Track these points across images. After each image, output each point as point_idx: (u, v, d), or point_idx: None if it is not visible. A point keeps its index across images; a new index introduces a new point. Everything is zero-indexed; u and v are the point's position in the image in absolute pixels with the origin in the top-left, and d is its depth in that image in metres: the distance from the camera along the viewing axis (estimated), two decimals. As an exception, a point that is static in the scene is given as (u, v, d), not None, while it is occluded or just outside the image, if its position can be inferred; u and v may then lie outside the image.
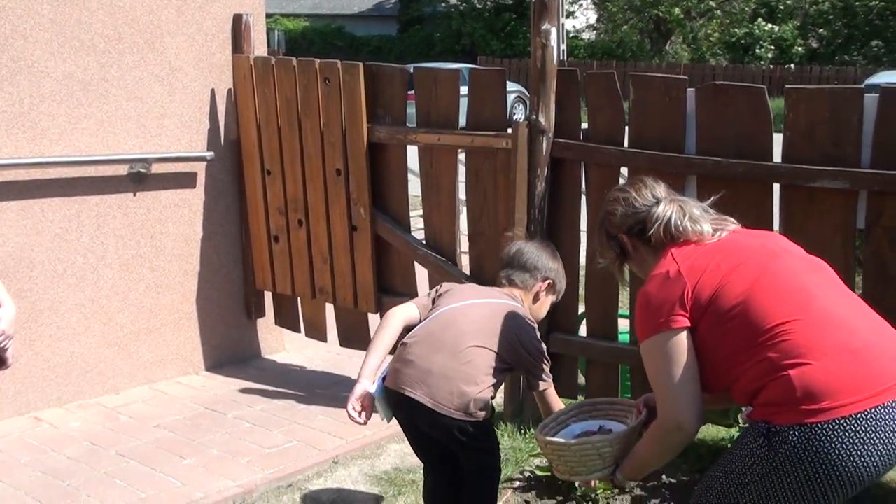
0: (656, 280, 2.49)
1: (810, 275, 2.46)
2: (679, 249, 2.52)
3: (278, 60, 4.97)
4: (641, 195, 2.67)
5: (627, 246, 2.69)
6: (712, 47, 33.08)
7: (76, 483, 3.89)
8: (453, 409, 2.98)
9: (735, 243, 2.53)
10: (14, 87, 4.37)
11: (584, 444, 2.71)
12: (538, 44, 4.20)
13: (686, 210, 2.60)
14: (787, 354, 2.28)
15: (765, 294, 2.36)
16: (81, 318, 4.72)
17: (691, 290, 2.40)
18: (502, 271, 3.37)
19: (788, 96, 3.72)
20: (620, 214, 2.68)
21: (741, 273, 2.41)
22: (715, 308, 2.38)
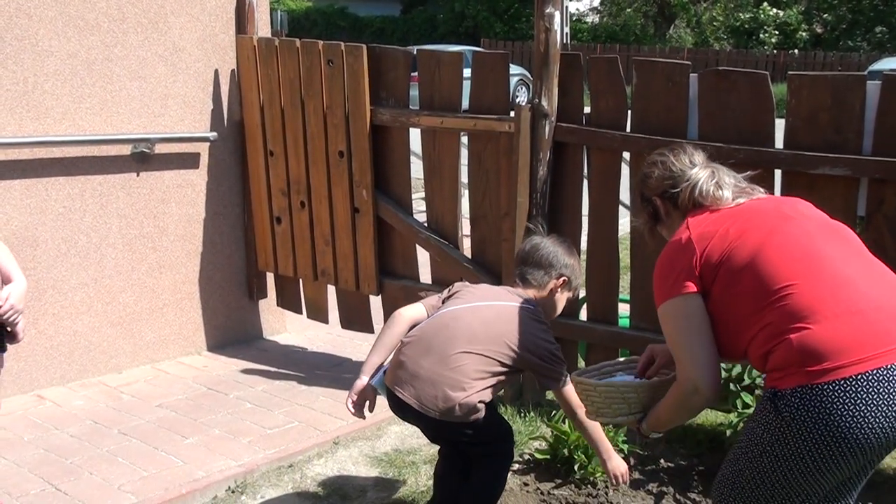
0: (669, 248, 2.54)
1: (824, 237, 2.43)
2: (694, 217, 2.55)
3: (282, 42, 4.97)
4: (679, 160, 2.70)
5: (660, 209, 2.73)
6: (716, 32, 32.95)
7: (78, 461, 3.92)
8: (437, 412, 3.00)
9: (750, 209, 2.55)
10: (18, 65, 4.38)
11: (609, 386, 2.77)
12: (542, 27, 4.20)
13: (717, 175, 2.63)
14: (790, 317, 2.27)
15: (772, 255, 2.36)
16: (85, 297, 4.74)
17: (700, 255, 2.43)
18: (516, 269, 3.36)
19: (791, 82, 3.72)
20: (656, 177, 2.72)
21: (750, 235, 2.42)
22: (725, 270, 2.40)
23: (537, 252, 3.32)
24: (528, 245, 3.39)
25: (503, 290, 3.32)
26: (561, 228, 4.36)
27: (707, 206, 2.59)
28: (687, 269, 2.43)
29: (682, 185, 2.64)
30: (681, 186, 2.64)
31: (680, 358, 2.45)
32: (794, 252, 2.37)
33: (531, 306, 3.22)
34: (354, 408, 3.23)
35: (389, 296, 4.91)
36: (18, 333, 2.90)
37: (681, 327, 2.43)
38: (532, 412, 4.37)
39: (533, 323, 3.16)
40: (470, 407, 3.01)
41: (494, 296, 3.26)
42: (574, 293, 3.43)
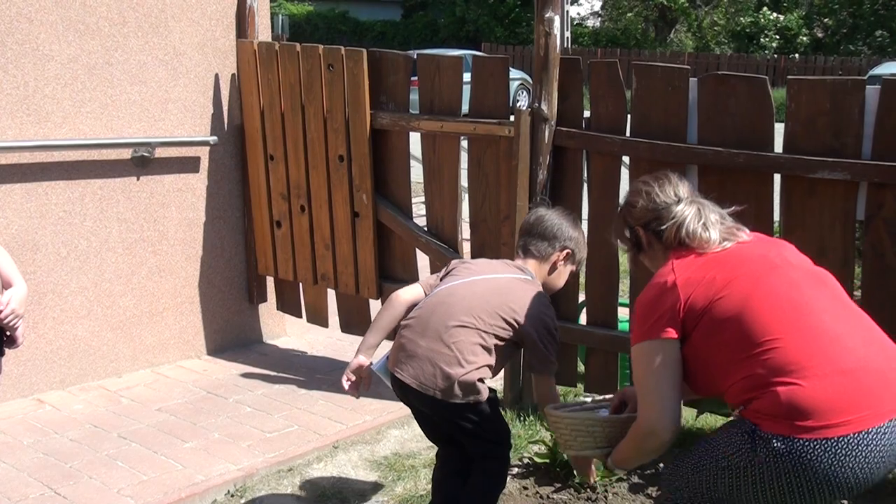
0: (652, 289, 2.51)
1: (811, 288, 2.44)
2: (680, 260, 2.52)
3: (282, 46, 4.97)
4: (664, 191, 2.66)
5: (643, 240, 2.69)
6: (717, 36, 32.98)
7: (78, 465, 3.92)
8: (438, 391, 2.98)
9: (736, 254, 2.52)
10: (19, 70, 4.39)
11: (575, 419, 2.81)
12: (541, 32, 4.21)
13: (703, 214, 2.59)
14: (776, 371, 2.29)
15: (759, 307, 2.36)
16: (84, 301, 4.74)
17: (684, 302, 2.41)
18: (520, 239, 3.30)
19: (790, 87, 3.73)
20: (640, 207, 2.68)
21: (736, 285, 2.40)
22: (709, 318, 2.39)
23: (542, 223, 3.26)
24: (533, 216, 3.33)
25: (501, 263, 3.28)
26: (560, 232, 4.37)
27: (693, 247, 2.55)
28: (669, 314, 2.42)
29: (667, 222, 2.59)
30: (666, 224, 2.60)
31: (644, 400, 2.47)
32: (782, 304, 2.37)
33: (530, 277, 3.19)
34: (349, 386, 3.21)
35: (389, 300, 4.91)
36: (18, 338, 2.90)
37: (651, 371, 2.43)
38: (531, 416, 4.37)
39: (532, 294, 3.11)
40: (469, 385, 2.98)
41: (492, 269, 3.21)
42: (577, 267, 3.38)
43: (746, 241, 2.58)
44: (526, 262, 3.24)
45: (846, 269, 3.75)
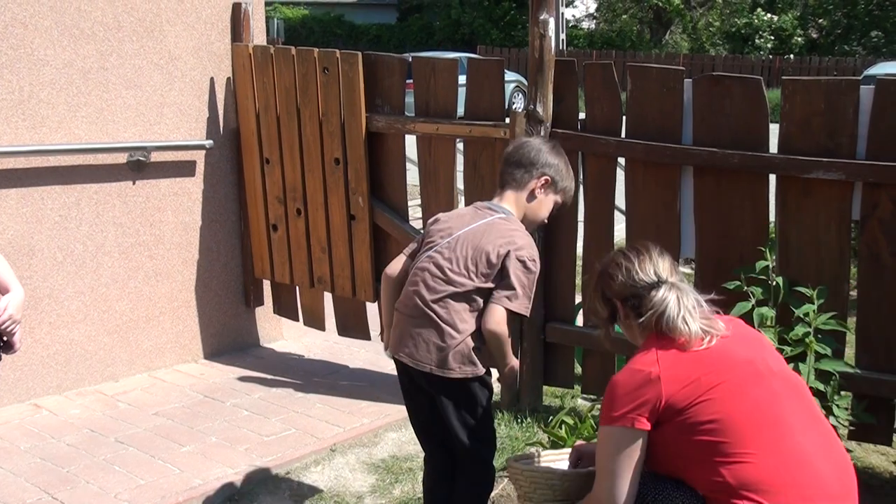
0: (633, 375, 2.46)
1: (790, 400, 2.45)
2: (664, 352, 2.47)
3: (277, 49, 4.98)
4: (644, 269, 2.61)
5: (619, 312, 2.67)
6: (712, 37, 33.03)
7: (75, 469, 3.92)
8: (433, 364, 2.97)
9: (722, 356, 2.48)
10: (14, 74, 4.38)
11: (534, 472, 2.85)
12: (536, 34, 4.22)
13: (682, 304, 2.54)
14: (746, 485, 2.32)
15: (741, 419, 2.37)
16: (81, 305, 4.74)
17: (666, 398, 2.39)
18: (500, 169, 3.18)
19: (785, 88, 3.74)
20: (619, 283, 2.64)
21: (721, 391, 2.39)
22: (687, 417, 2.39)
23: (520, 150, 3.13)
24: (513, 145, 3.21)
25: (472, 210, 3.15)
26: (557, 235, 4.38)
27: (674, 338, 2.50)
28: (648, 405, 2.40)
29: (647, 309, 2.55)
30: (646, 312, 2.55)
31: (602, 481, 2.48)
32: (763, 420, 2.38)
33: (503, 215, 3.07)
34: None
35: (386, 302, 4.91)
36: (15, 343, 2.90)
37: (616, 458, 2.43)
38: (529, 418, 4.37)
39: (506, 230, 3.01)
40: (464, 355, 2.96)
41: (464, 222, 3.08)
42: (562, 198, 3.19)
43: (728, 337, 2.53)
44: (503, 195, 3.12)
45: (842, 269, 3.76)
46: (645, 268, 2.62)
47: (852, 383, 3.71)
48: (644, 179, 4.12)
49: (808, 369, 3.58)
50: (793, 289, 3.75)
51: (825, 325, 3.65)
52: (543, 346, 4.47)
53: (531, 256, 3.00)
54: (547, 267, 4.41)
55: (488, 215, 3.08)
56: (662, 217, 4.09)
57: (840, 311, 3.72)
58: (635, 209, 4.18)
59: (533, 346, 4.45)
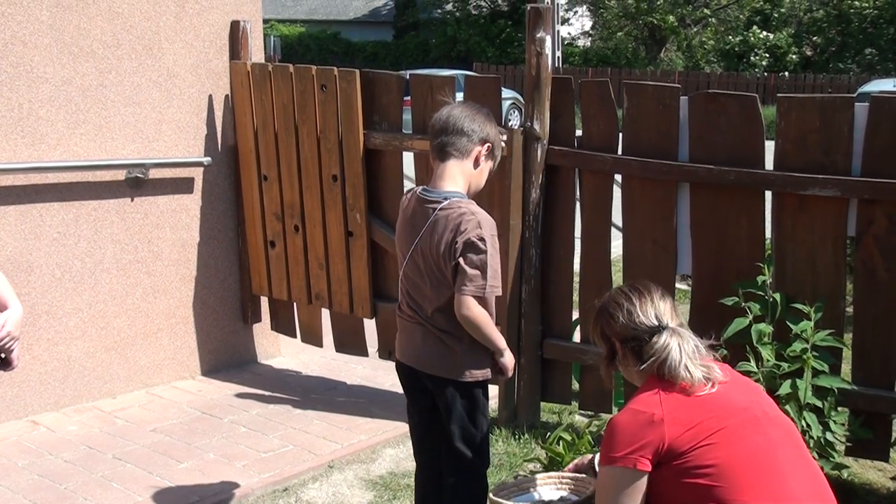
0: (636, 416, 2.46)
1: (785, 448, 2.47)
2: (667, 395, 2.47)
3: (275, 67, 5.00)
4: (644, 312, 2.60)
5: (618, 351, 2.66)
6: (707, 55, 33.17)
7: (73, 486, 3.91)
8: (438, 368, 3.03)
9: (723, 403, 2.48)
10: (13, 92, 4.40)
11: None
12: (533, 52, 4.25)
13: (683, 351, 2.53)
14: None
15: (740, 467, 2.38)
16: (79, 322, 4.74)
17: (668, 442, 2.40)
18: (434, 141, 3.05)
19: (780, 105, 3.77)
20: (620, 324, 2.62)
21: (722, 437, 2.40)
22: (687, 461, 2.39)
23: (457, 119, 3.02)
24: (443, 113, 3.07)
25: (416, 204, 3.06)
26: (554, 250, 4.39)
27: (676, 383, 2.50)
28: (650, 447, 2.41)
29: (648, 355, 2.54)
30: (647, 358, 2.54)
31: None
32: (760, 468, 2.40)
33: (442, 200, 3.00)
34: None
35: (383, 319, 4.92)
36: (14, 360, 2.90)
37: (617, 499, 2.44)
38: (527, 434, 4.37)
39: (446, 219, 2.96)
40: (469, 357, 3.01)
41: (414, 234, 3.03)
42: (495, 165, 3.16)
43: (726, 383, 2.53)
44: (445, 169, 3.03)
45: (838, 285, 3.78)
46: (646, 310, 2.60)
47: (849, 399, 3.73)
48: (641, 196, 4.14)
49: (805, 385, 3.59)
50: (790, 305, 3.76)
51: (822, 341, 3.66)
52: (541, 362, 4.48)
53: (478, 235, 2.93)
54: (544, 283, 4.43)
55: (430, 212, 3.00)
56: (659, 233, 4.11)
57: (836, 328, 3.73)
58: (632, 225, 4.20)
59: (530, 363, 4.46)
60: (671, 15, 32.98)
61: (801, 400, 3.58)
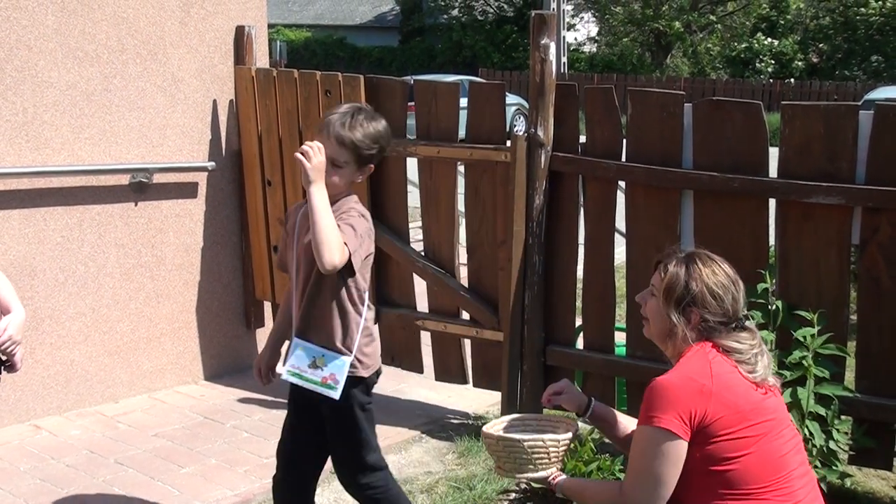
0: (686, 383, 2.42)
1: (795, 456, 2.48)
2: (719, 370, 2.43)
3: (280, 72, 5.01)
4: (742, 302, 2.57)
5: (691, 323, 2.53)
6: (712, 61, 33.17)
7: (75, 490, 3.91)
8: None
9: (760, 398, 2.46)
10: (18, 96, 4.41)
11: (511, 441, 2.73)
12: (537, 58, 4.25)
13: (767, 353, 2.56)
14: None
15: (761, 467, 2.39)
16: (82, 326, 4.74)
17: (709, 419, 2.38)
18: None
19: (784, 112, 3.76)
20: (723, 309, 2.52)
21: (755, 432, 2.40)
22: (715, 446, 2.39)
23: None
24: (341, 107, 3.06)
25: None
26: (558, 257, 4.39)
27: (731, 358, 2.48)
28: (694, 417, 2.38)
29: (736, 344, 2.49)
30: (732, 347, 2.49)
31: (639, 479, 2.45)
32: (776, 470, 2.41)
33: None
34: None
35: (386, 324, 4.92)
36: (17, 363, 2.91)
37: (661, 462, 2.41)
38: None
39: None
40: None
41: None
42: None
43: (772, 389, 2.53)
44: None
45: (842, 293, 3.77)
46: (741, 299, 2.57)
47: (852, 408, 3.71)
48: (645, 203, 4.13)
49: (807, 393, 3.58)
50: (792, 312, 3.75)
51: (824, 349, 3.65)
52: (544, 368, 4.47)
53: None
54: (547, 290, 4.42)
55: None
56: (663, 240, 4.08)
57: (840, 335, 3.72)
58: (636, 232, 4.19)
59: (533, 369, 4.45)
60: (677, 21, 33.01)
61: (803, 408, 3.56)
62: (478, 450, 4.28)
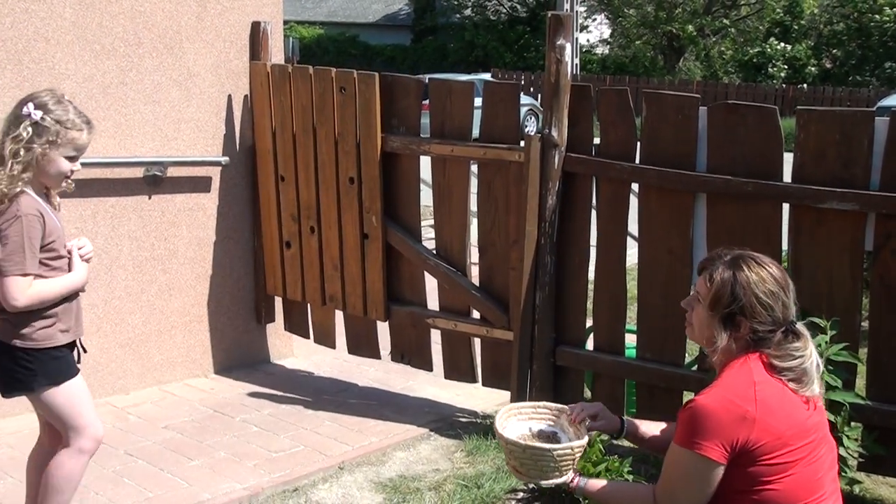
0: (729, 409, 2.39)
1: (828, 474, 2.49)
2: (763, 391, 2.40)
3: (295, 68, 5.02)
4: (791, 308, 2.51)
5: (738, 333, 2.48)
6: (725, 65, 33.10)
7: (85, 481, 3.90)
8: None
9: (803, 419, 2.43)
10: (35, 88, 4.42)
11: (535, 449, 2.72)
12: (553, 59, 4.25)
13: (817, 364, 2.50)
14: None
15: (799, 490, 2.40)
16: (94, 318, 4.76)
17: (751, 445, 2.37)
18: None
19: (799, 117, 3.75)
20: (774, 317, 2.47)
21: (795, 456, 2.40)
22: (756, 470, 2.39)
23: None
24: None
25: None
26: (569, 258, 4.39)
27: (778, 375, 2.45)
28: (735, 443, 2.37)
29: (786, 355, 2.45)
30: (790, 362, 2.44)
31: (674, 495, 2.49)
32: (811, 493, 2.41)
33: None
34: None
35: (397, 322, 4.93)
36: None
37: (696, 485, 2.44)
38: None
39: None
40: None
41: None
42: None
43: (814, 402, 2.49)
44: None
45: (854, 300, 3.76)
46: (791, 306, 2.51)
47: (863, 415, 3.71)
48: (657, 205, 4.13)
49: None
50: (805, 318, 3.74)
51: (837, 356, 3.64)
52: (553, 369, 4.47)
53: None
54: (558, 290, 4.42)
55: None
56: (675, 243, 4.10)
57: (852, 342, 3.71)
58: (648, 235, 4.19)
59: (543, 369, 4.46)
60: (690, 24, 32.93)
61: (814, 414, 3.56)
62: (486, 448, 4.29)
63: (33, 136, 2.92)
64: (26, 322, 2.99)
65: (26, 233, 2.91)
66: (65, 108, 3.00)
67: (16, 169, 2.91)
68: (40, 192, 3.03)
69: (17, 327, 2.99)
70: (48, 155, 2.96)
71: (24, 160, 2.91)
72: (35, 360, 3.04)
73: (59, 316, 3.06)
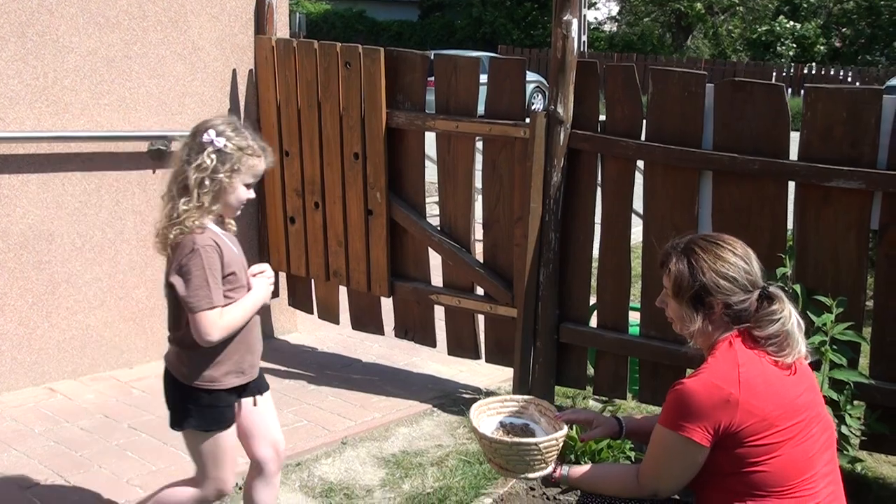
0: (712, 392, 2.39)
1: (822, 454, 2.48)
2: (747, 373, 2.40)
3: (300, 43, 4.99)
4: (758, 274, 2.50)
5: (713, 314, 2.49)
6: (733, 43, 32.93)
7: (88, 454, 3.94)
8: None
9: (791, 398, 2.42)
10: (39, 61, 4.41)
11: (509, 445, 2.71)
12: (559, 35, 4.22)
13: (798, 323, 2.50)
14: None
15: (787, 471, 2.39)
16: (98, 291, 4.77)
17: (735, 427, 2.38)
18: None
19: (807, 95, 3.73)
20: (740, 284, 2.47)
21: (782, 437, 2.39)
22: (739, 452, 2.40)
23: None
24: None
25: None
26: (574, 235, 4.38)
27: (763, 350, 2.45)
28: (718, 426, 2.38)
29: (766, 321, 2.45)
30: (769, 327, 2.44)
31: (657, 476, 2.51)
32: (801, 473, 2.41)
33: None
34: None
35: (400, 298, 4.93)
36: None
37: (678, 465, 2.46)
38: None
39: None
40: None
41: None
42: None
43: (795, 373, 2.48)
44: None
45: (859, 279, 3.75)
46: (757, 271, 2.51)
47: (866, 393, 3.70)
48: (663, 183, 4.11)
49: (822, 378, 3.57)
50: (810, 297, 3.74)
51: (842, 335, 3.63)
52: (557, 346, 4.47)
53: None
54: (562, 267, 4.42)
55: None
56: (680, 221, 4.08)
57: (856, 321, 3.71)
58: (653, 212, 4.18)
59: (546, 346, 4.46)
60: (699, 2, 32.72)
61: (817, 392, 3.56)
62: (489, 425, 4.30)
63: (217, 164, 2.83)
64: (197, 360, 3.01)
65: (207, 265, 2.87)
66: (243, 134, 2.92)
67: (205, 200, 2.83)
68: (216, 221, 2.97)
69: (185, 364, 3.06)
70: (233, 183, 2.90)
71: (210, 190, 2.84)
72: (191, 399, 3.04)
73: (229, 355, 3.02)
